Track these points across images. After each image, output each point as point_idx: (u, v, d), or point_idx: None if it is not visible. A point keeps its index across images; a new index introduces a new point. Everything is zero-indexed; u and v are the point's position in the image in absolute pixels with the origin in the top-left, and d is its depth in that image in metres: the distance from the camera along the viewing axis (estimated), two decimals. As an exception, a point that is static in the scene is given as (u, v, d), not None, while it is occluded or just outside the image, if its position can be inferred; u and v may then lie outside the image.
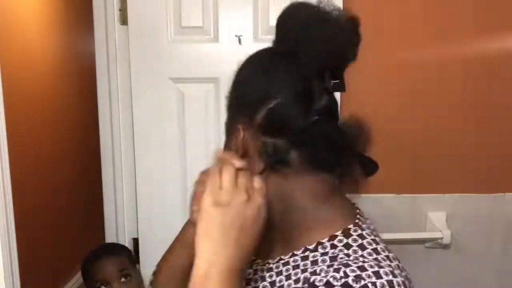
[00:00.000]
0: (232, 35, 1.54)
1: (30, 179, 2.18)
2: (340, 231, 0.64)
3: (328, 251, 0.62)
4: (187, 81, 1.57)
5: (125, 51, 1.57)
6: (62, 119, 2.63)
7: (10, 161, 1.08)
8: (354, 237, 0.63)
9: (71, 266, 2.49)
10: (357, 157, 0.66)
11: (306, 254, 0.64)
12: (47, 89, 2.45)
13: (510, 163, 1.65)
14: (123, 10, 1.56)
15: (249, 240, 0.59)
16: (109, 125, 1.63)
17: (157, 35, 1.54)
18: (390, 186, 1.63)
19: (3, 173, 1.05)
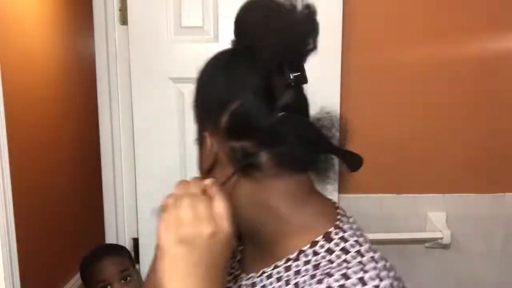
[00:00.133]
0: (232, 35, 1.54)
1: (30, 179, 2.18)
2: (321, 236, 0.61)
3: (310, 259, 0.60)
4: (187, 81, 1.56)
5: (125, 51, 1.57)
6: (62, 119, 2.62)
7: (10, 161, 1.08)
8: (335, 241, 0.60)
9: (71, 266, 2.49)
10: (337, 152, 0.63)
11: (288, 264, 0.61)
12: (47, 89, 2.45)
13: (510, 163, 1.65)
14: (123, 10, 1.56)
15: (219, 271, 0.56)
16: (109, 125, 1.63)
17: (157, 35, 1.54)
18: (390, 186, 1.63)
19: (3, 173, 1.05)
